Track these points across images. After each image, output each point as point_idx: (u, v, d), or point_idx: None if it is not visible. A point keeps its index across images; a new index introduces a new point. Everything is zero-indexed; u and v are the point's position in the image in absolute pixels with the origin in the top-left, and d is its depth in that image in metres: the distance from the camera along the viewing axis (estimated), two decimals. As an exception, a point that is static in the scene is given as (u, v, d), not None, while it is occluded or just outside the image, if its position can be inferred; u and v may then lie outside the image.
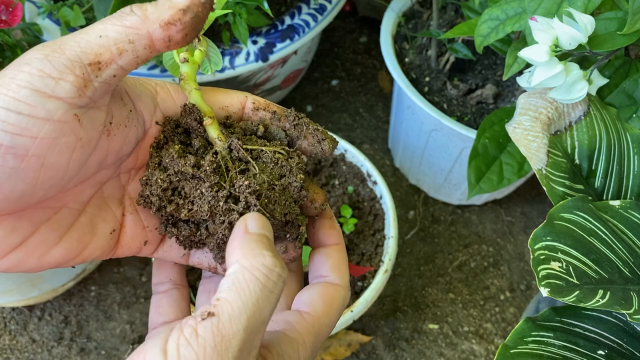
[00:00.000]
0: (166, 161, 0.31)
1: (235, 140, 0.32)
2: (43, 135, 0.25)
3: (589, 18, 0.45)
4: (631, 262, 0.44)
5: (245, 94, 0.34)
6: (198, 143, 0.32)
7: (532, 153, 0.48)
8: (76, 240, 0.30)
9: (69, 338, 0.83)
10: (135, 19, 0.27)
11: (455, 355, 0.83)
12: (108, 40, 0.26)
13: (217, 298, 0.24)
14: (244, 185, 0.30)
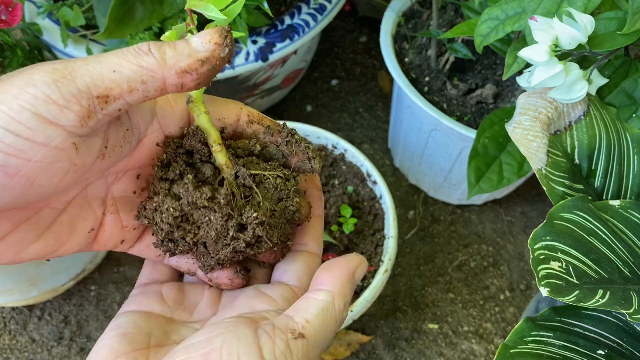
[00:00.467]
0: (180, 191, 0.31)
1: (242, 169, 0.32)
2: (38, 159, 0.25)
3: (589, 18, 0.45)
4: (631, 262, 0.44)
5: (240, 106, 0.34)
6: (209, 171, 0.32)
7: (532, 153, 0.48)
8: (54, 239, 0.30)
9: (69, 338, 0.83)
10: (153, 62, 0.26)
11: (455, 355, 0.83)
12: (121, 77, 0.26)
13: (307, 320, 0.27)
14: (252, 217, 0.31)
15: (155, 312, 0.33)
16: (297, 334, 0.27)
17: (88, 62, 0.26)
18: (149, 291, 0.34)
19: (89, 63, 0.26)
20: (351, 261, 0.31)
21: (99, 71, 0.25)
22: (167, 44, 0.27)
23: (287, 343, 0.26)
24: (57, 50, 0.74)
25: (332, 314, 0.28)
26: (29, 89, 0.24)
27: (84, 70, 0.25)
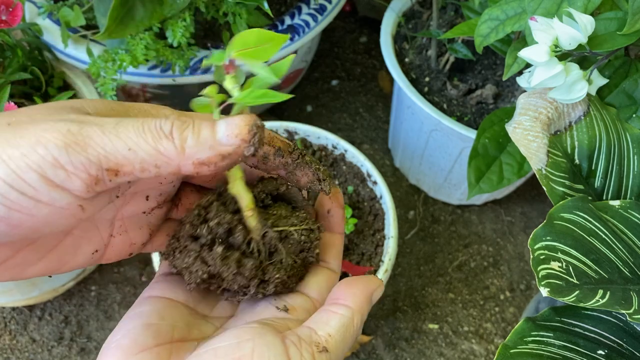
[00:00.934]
0: (209, 258, 0.31)
1: (270, 231, 0.33)
2: (41, 216, 0.24)
3: (589, 18, 0.45)
4: (631, 262, 0.44)
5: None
6: (240, 237, 0.32)
7: (532, 153, 0.48)
8: (57, 260, 0.29)
9: (69, 338, 0.83)
10: (171, 148, 0.25)
11: (455, 355, 0.83)
12: (135, 157, 0.25)
13: (330, 334, 0.28)
14: (273, 277, 0.32)
15: (179, 300, 0.32)
16: (322, 348, 0.28)
17: (105, 131, 0.24)
18: (172, 279, 0.33)
19: (105, 132, 0.24)
20: (371, 282, 0.32)
21: (114, 145, 0.24)
22: (190, 128, 0.26)
23: (312, 355, 0.27)
24: (57, 50, 0.74)
25: (351, 329, 0.29)
26: (38, 149, 0.23)
27: (98, 139, 0.24)
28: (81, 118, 0.25)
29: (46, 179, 0.23)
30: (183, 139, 0.25)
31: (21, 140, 0.23)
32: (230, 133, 0.26)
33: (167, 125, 0.25)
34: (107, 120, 0.25)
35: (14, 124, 0.24)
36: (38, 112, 0.25)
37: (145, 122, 0.25)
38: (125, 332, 0.29)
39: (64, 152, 0.23)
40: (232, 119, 0.27)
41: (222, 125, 0.26)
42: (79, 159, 0.24)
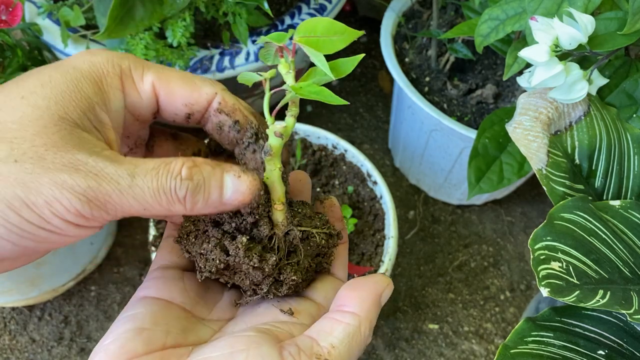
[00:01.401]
0: (231, 247, 0.31)
1: (295, 230, 0.32)
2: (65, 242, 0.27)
3: (589, 18, 0.45)
4: (631, 262, 0.44)
5: (215, 89, 0.32)
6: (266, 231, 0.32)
7: (532, 153, 0.48)
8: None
9: (68, 338, 0.83)
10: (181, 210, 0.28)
11: (455, 355, 0.83)
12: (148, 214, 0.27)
13: (333, 345, 0.27)
14: (289, 278, 0.32)
15: (176, 302, 0.31)
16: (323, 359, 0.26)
17: (122, 190, 0.26)
18: (170, 277, 0.33)
19: (122, 192, 0.26)
20: (379, 282, 0.30)
21: (130, 204, 0.26)
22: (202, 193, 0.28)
23: None
24: (57, 50, 0.74)
25: (358, 339, 0.28)
26: (62, 201, 0.25)
27: (117, 199, 0.26)
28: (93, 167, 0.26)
29: (70, 223, 0.26)
30: (194, 203, 0.28)
31: (41, 188, 0.25)
32: (235, 198, 0.29)
33: (182, 191, 0.27)
34: (120, 173, 0.26)
35: (20, 160, 0.25)
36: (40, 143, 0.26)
37: (160, 184, 0.27)
38: (115, 336, 0.28)
39: (87, 207, 0.25)
40: (240, 184, 0.29)
41: (229, 190, 0.29)
42: (98, 212, 0.26)
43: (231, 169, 0.29)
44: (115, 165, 0.26)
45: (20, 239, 0.25)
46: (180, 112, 0.32)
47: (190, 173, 0.27)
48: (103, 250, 0.87)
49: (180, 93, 0.31)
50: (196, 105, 0.32)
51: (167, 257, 0.34)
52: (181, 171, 0.27)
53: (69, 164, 0.25)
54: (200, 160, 0.29)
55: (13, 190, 0.24)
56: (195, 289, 0.33)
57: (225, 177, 0.29)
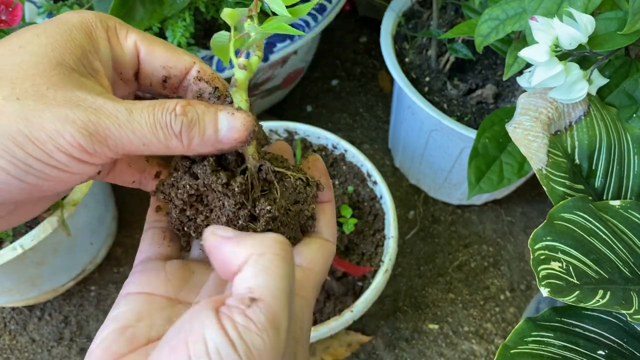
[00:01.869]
0: (198, 171, 0.32)
1: (267, 163, 0.32)
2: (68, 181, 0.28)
3: (589, 18, 0.45)
4: (631, 262, 0.44)
5: (194, 59, 0.33)
6: (232, 157, 0.33)
7: (532, 153, 0.48)
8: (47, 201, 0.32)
9: (68, 338, 0.83)
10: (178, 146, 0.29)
11: (455, 355, 0.83)
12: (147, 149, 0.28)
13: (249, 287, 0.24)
14: (265, 209, 0.31)
15: (158, 293, 0.31)
16: (248, 300, 0.24)
17: (121, 124, 0.27)
18: (151, 268, 0.32)
19: (121, 126, 0.27)
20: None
21: (130, 140, 0.28)
22: (197, 128, 0.29)
23: (244, 313, 0.24)
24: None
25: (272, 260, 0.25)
26: (65, 135, 0.26)
27: (116, 133, 0.27)
28: (93, 103, 0.27)
29: (73, 158, 0.27)
30: (190, 138, 0.29)
31: (44, 123, 0.26)
32: (230, 135, 0.30)
33: (177, 125, 0.28)
34: (118, 109, 0.28)
35: (22, 97, 0.26)
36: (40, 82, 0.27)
37: (156, 119, 0.28)
38: (101, 339, 0.28)
39: (89, 140, 0.26)
40: (235, 121, 0.30)
41: (224, 127, 0.30)
42: (100, 147, 0.27)
43: (225, 108, 0.30)
44: (113, 102, 0.28)
45: (26, 175, 0.26)
46: (158, 74, 0.33)
47: (184, 110, 0.29)
48: (103, 250, 0.87)
49: (160, 54, 0.32)
50: (174, 70, 0.33)
51: (147, 250, 0.33)
52: (175, 108, 0.29)
53: (70, 100, 0.27)
54: (194, 101, 0.30)
55: (17, 126, 0.25)
56: (179, 275, 0.32)
57: (219, 114, 0.30)
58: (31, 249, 0.67)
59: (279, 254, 0.25)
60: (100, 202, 0.80)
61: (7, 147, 0.25)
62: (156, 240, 0.34)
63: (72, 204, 0.69)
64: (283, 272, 0.25)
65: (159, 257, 0.33)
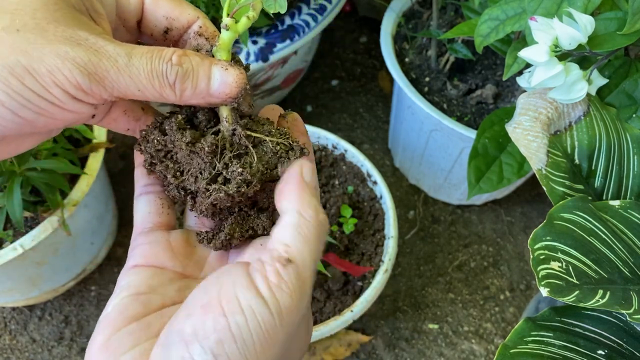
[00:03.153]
0: (166, 127, 0.32)
1: (239, 129, 0.32)
2: (63, 119, 0.28)
3: (589, 18, 0.45)
4: (631, 262, 0.44)
5: (198, 14, 0.33)
6: (203, 117, 0.33)
7: (532, 153, 0.48)
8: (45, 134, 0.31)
9: (69, 338, 0.83)
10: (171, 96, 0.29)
11: (455, 355, 0.83)
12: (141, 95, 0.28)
13: (287, 244, 0.26)
14: (237, 171, 0.31)
15: (166, 266, 0.31)
16: (284, 260, 0.26)
17: (119, 67, 0.27)
18: (156, 241, 0.32)
19: (120, 70, 0.27)
20: (295, 169, 0.30)
21: (126, 84, 0.28)
22: (190, 79, 0.29)
23: (277, 273, 0.25)
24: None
25: (307, 226, 0.27)
26: (64, 71, 0.26)
27: (114, 75, 0.27)
28: (94, 44, 0.27)
29: (69, 95, 0.27)
30: (183, 89, 0.29)
31: (44, 57, 0.26)
32: (222, 90, 0.30)
33: (172, 75, 0.29)
34: (118, 52, 0.28)
35: (22, 29, 0.26)
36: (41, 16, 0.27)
37: (153, 66, 0.28)
38: (115, 304, 0.28)
39: (87, 79, 0.27)
40: (227, 76, 0.30)
41: (216, 81, 0.30)
42: (97, 88, 0.27)
43: (219, 62, 0.30)
44: (114, 45, 0.28)
45: (20, 107, 0.26)
46: (160, 24, 0.32)
47: (180, 60, 0.29)
48: (103, 250, 0.87)
49: (164, 5, 0.32)
50: (176, 22, 0.32)
51: (147, 219, 0.33)
52: (172, 57, 0.29)
53: (71, 38, 0.27)
54: (190, 51, 0.30)
55: (16, 57, 0.25)
56: (183, 250, 0.33)
57: (213, 68, 0.30)
58: (31, 248, 0.67)
59: (316, 224, 0.27)
60: (100, 202, 0.81)
61: (5, 78, 0.25)
62: (155, 210, 0.34)
63: (72, 204, 0.70)
64: (316, 246, 0.27)
65: (160, 226, 0.33)
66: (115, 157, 0.99)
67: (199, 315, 0.25)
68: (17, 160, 0.64)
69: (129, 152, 1.00)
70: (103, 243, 0.86)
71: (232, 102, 0.31)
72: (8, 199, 0.63)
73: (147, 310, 0.28)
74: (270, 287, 0.25)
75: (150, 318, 0.28)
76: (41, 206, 0.70)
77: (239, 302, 0.25)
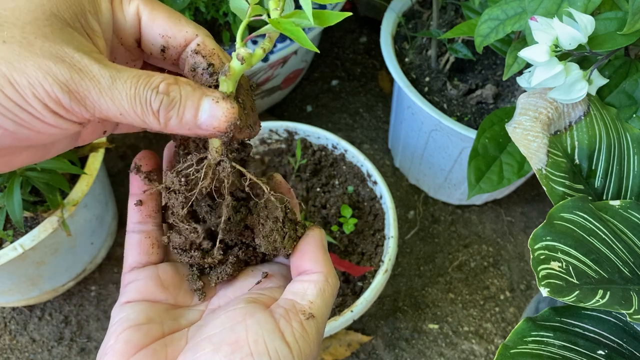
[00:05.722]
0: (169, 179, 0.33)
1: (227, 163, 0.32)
2: (46, 132, 0.27)
3: (589, 18, 0.45)
4: (631, 262, 0.44)
5: (197, 32, 0.32)
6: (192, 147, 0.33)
7: (532, 153, 0.48)
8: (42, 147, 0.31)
9: (69, 338, 0.83)
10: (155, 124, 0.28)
11: (455, 355, 0.83)
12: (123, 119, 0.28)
13: (311, 301, 0.31)
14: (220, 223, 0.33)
15: (158, 299, 0.33)
16: (308, 315, 0.30)
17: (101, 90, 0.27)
18: (147, 277, 0.34)
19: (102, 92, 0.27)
20: (316, 237, 0.34)
21: (108, 107, 0.27)
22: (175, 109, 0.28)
23: (301, 324, 0.29)
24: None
25: (329, 290, 0.32)
26: (44, 84, 0.26)
27: (95, 97, 0.27)
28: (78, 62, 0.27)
29: (49, 109, 0.26)
30: (167, 118, 0.28)
31: (26, 69, 0.25)
32: (209, 124, 0.29)
33: (155, 103, 0.28)
34: (102, 74, 0.27)
35: (9, 41, 0.26)
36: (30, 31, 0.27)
37: (137, 92, 0.27)
38: (117, 337, 0.30)
39: (67, 97, 0.26)
40: (217, 109, 0.29)
41: (205, 114, 0.29)
42: (77, 107, 0.27)
43: (212, 94, 0.29)
44: (99, 66, 0.27)
45: (1, 117, 0.26)
46: (157, 43, 0.32)
47: (168, 89, 0.28)
48: (103, 250, 0.87)
49: (161, 23, 0.31)
50: (173, 40, 0.32)
51: (137, 259, 0.35)
52: (159, 85, 0.28)
53: (56, 54, 0.26)
54: (183, 80, 0.29)
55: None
56: (172, 282, 0.34)
57: (203, 99, 0.29)
58: (31, 248, 0.67)
59: (334, 289, 0.32)
60: (100, 202, 0.81)
61: None
62: (145, 250, 0.35)
63: (72, 204, 0.70)
64: (330, 305, 0.32)
65: (149, 263, 0.35)
66: (115, 157, 0.99)
67: (227, 353, 0.27)
68: (17, 160, 0.64)
69: (128, 152, 1.00)
70: (103, 243, 0.86)
71: (222, 137, 0.30)
72: (8, 199, 0.63)
73: (151, 339, 0.30)
74: (294, 335, 0.29)
75: (155, 346, 0.30)
76: (41, 206, 0.70)
77: (265, 345, 0.28)
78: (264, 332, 0.28)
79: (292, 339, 0.28)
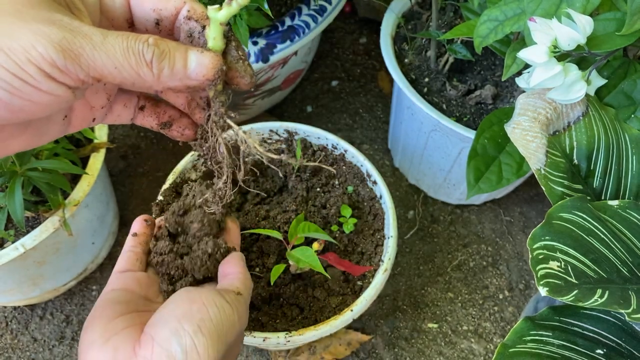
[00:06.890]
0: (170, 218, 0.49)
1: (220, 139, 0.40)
2: (41, 102, 0.28)
3: (588, 19, 0.45)
4: (630, 262, 0.44)
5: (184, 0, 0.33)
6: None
7: (530, 153, 0.48)
8: (36, 130, 0.32)
9: (70, 337, 0.83)
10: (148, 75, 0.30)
11: (454, 354, 0.83)
12: (119, 74, 0.29)
13: (237, 286, 0.42)
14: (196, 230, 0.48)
15: (135, 290, 0.43)
16: (237, 292, 0.41)
17: (95, 45, 0.28)
18: (127, 276, 0.44)
19: (95, 48, 0.28)
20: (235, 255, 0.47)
21: (103, 62, 0.28)
22: (167, 60, 0.30)
23: (235, 295, 0.40)
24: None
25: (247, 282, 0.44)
26: (38, 47, 0.26)
27: (90, 53, 0.27)
28: (69, 24, 0.28)
29: (44, 73, 0.27)
30: (160, 69, 0.30)
31: (19, 35, 0.26)
32: (198, 72, 0.31)
33: (148, 54, 0.29)
34: (94, 32, 0.28)
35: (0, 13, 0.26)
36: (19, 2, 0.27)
37: (129, 45, 0.29)
38: (102, 308, 0.38)
39: (61, 56, 0.27)
40: (203, 58, 0.31)
41: (193, 63, 0.31)
42: (72, 66, 0.27)
43: (195, 47, 0.32)
44: (89, 26, 0.28)
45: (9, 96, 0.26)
46: (150, 18, 0.33)
47: (156, 42, 0.30)
48: (104, 250, 0.87)
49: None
50: (164, 11, 0.33)
51: (124, 266, 0.45)
52: (148, 39, 0.29)
53: (48, 19, 0.27)
54: (165, 38, 0.31)
55: None
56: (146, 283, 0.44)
57: (189, 51, 0.31)
58: (33, 248, 0.67)
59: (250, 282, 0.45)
60: (101, 202, 0.81)
61: None
62: (131, 263, 0.45)
63: (73, 204, 0.70)
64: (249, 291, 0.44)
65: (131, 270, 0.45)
66: (116, 157, 1.00)
67: (187, 305, 0.36)
68: (19, 160, 0.64)
69: (129, 152, 1.00)
70: (104, 243, 0.86)
71: (210, 85, 0.32)
72: (9, 198, 0.63)
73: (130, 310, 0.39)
74: (232, 300, 0.39)
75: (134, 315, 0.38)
76: (42, 206, 0.70)
77: (214, 301, 0.37)
78: (211, 294, 0.38)
79: (232, 301, 0.39)
